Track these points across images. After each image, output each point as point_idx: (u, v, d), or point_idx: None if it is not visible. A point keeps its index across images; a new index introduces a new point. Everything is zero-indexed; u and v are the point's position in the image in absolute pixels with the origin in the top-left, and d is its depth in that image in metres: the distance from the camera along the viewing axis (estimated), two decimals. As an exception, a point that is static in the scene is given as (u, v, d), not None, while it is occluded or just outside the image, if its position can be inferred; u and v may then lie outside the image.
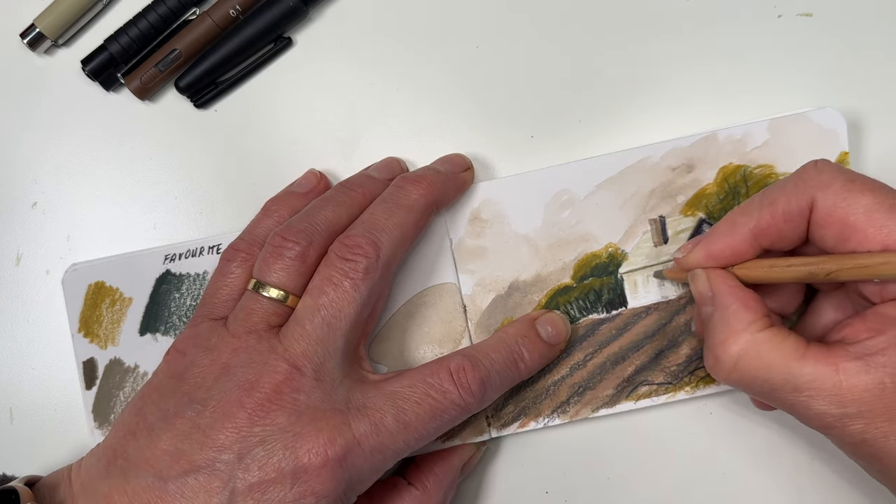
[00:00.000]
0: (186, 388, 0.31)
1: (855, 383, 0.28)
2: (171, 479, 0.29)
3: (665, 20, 0.38)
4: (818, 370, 0.29)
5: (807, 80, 0.38)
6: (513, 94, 0.39)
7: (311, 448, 0.30)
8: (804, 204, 0.30)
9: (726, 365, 0.30)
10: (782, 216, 0.31)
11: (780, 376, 0.29)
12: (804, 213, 0.30)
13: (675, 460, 0.38)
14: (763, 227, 0.31)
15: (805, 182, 0.30)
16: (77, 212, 0.40)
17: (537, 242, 0.37)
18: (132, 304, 0.38)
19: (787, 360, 0.29)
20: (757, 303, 0.31)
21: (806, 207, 0.30)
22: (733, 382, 0.31)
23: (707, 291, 0.32)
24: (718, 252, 0.32)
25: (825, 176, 0.30)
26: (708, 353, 0.32)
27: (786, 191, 0.31)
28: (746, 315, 0.30)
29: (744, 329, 0.30)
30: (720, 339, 0.31)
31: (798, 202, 0.30)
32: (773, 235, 0.31)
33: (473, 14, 0.39)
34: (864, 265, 0.29)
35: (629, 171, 0.37)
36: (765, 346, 0.30)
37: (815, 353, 0.29)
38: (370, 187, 0.35)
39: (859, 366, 0.28)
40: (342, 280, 0.32)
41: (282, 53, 0.39)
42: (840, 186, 0.29)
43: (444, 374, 0.32)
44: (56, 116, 0.40)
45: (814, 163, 0.31)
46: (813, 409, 0.29)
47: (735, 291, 0.31)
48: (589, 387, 0.37)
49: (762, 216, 0.31)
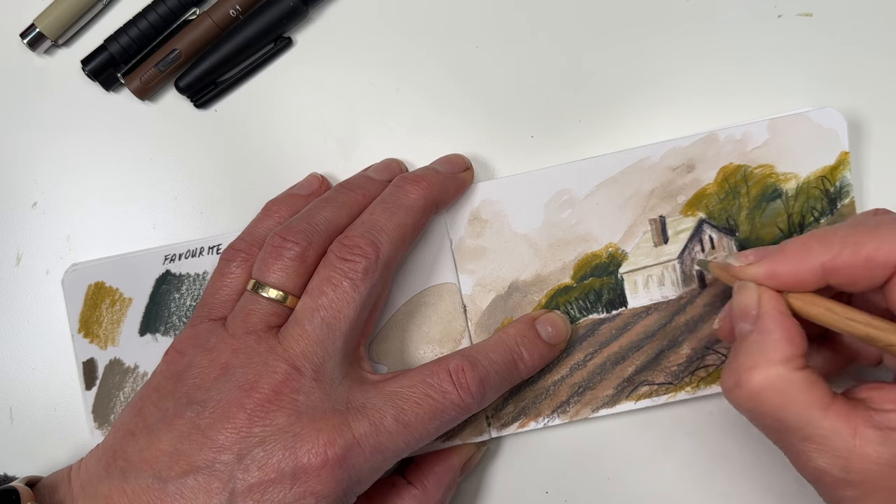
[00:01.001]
0: (186, 388, 0.31)
1: (868, 452, 0.27)
2: (171, 479, 0.29)
3: (665, 20, 0.38)
4: (837, 427, 0.27)
5: (806, 80, 0.38)
6: (513, 94, 0.39)
7: (310, 448, 0.30)
8: (893, 256, 0.28)
9: (746, 392, 0.29)
10: (864, 261, 0.28)
11: (796, 421, 0.28)
12: (889, 266, 0.28)
13: (674, 460, 0.38)
14: (839, 266, 0.29)
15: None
16: (77, 212, 0.40)
17: (537, 242, 0.37)
18: (132, 304, 0.38)
19: (811, 407, 0.28)
20: (801, 339, 0.29)
21: (893, 261, 0.28)
22: (745, 410, 0.29)
23: (752, 309, 0.30)
24: (782, 275, 0.30)
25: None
26: (730, 374, 0.29)
27: (877, 236, 0.28)
28: (787, 349, 0.28)
29: (779, 362, 0.28)
30: (750, 364, 0.29)
31: (887, 252, 0.28)
32: (846, 277, 0.29)
33: (473, 14, 0.39)
34: None
35: (629, 171, 0.37)
36: (794, 387, 0.28)
37: (838, 409, 0.28)
38: (369, 188, 0.35)
39: (878, 436, 0.27)
40: (341, 280, 0.32)
41: (282, 53, 0.39)
42: None
43: (443, 375, 0.32)
44: (56, 116, 0.40)
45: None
46: (816, 462, 0.28)
47: (783, 321, 0.29)
48: (589, 387, 0.37)
49: (842, 254, 0.28)
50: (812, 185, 0.36)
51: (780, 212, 0.36)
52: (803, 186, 0.36)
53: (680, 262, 0.37)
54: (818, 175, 0.36)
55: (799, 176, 0.36)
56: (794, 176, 0.36)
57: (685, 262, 0.37)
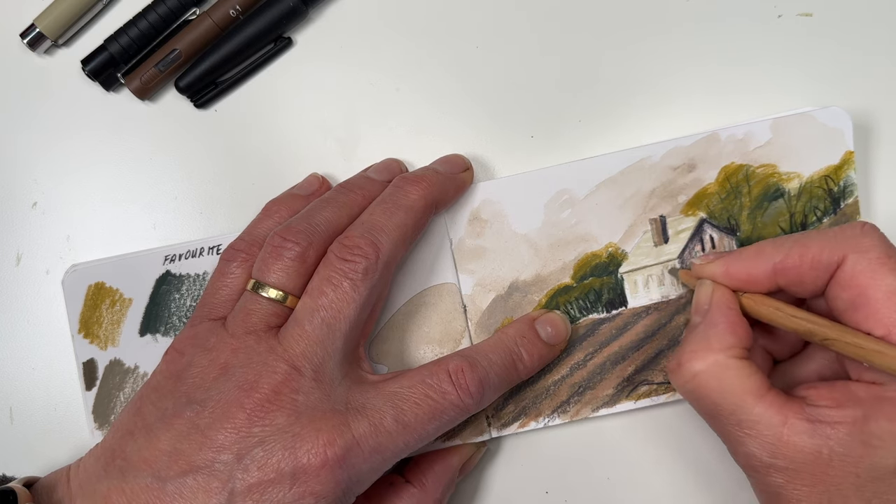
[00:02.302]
0: (185, 388, 0.31)
1: (795, 441, 0.29)
2: (170, 479, 0.29)
3: (665, 20, 0.38)
4: (767, 415, 0.29)
5: (806, 80, 0.38)
6: (513, 94, 0.39)
7: (310, 449, 0.30)
8: (834, 258, 0.30)
9: (685, 374, 0.31)
10: (810, 262, 0.30)
11: (729, 405, 0.30)
12: (831, 267, 0.30)
13: (675, 460, 0.37)
14: (787, 266, 0.31)
15: (845, 238, 0.30)
16: (77, 212, 0.40)
17: (537, 242, 0.37)
18: (132, 304, 0.38)
19: (744, 393, 0.30)
20: (745, 333, 0.31)
21: (835, 263, 0.30)
22: (685, 393, 0.31)
23: (705, 304, 0.32)
24: (735, 273, 0.32)
25: (867, 241, 0.30)
26: (674, 357, 0.32)
27: (822, 239, 0.30)
28: (728, 338, 0.31)
29: (718, 350, 0.30)
30: (692, 348, 0.31)
31: (829, 254, 0.30)
32: (793, 277, 0.31)
33: (473, 14, 0.39)
34: (860, 346, 0.29)
35: (629, 171, 0.37)
36: (729, 373, 0.30)
37: (772, 399, 0.29)
38: (369, 189, 0.35)
39: (806, 428, 0.29)
40: (341, 281, 0.32)
41: (282, 53, 0.39)
42: (875, 256, 0.29)
43: (442, 375, 0.32)
44: (56, 116, 0.40)
45: (862, 223, 0.31)
46: (746, 447, 0.30)
47: (730, 314, 0.31)
48: (589, 386, 0.37)
49: (790, 255, 0.31)
50: (815, 185, 0.36)
51: (782, 211, 0.36)
52: (806, 186, 0.36)
53: (680, 262, 0.37)
54: (822, 174, 0.36)
55: (802, 175, 0.36)
56: (797, 175, 0.36)
57: (686, 261, 0.37)
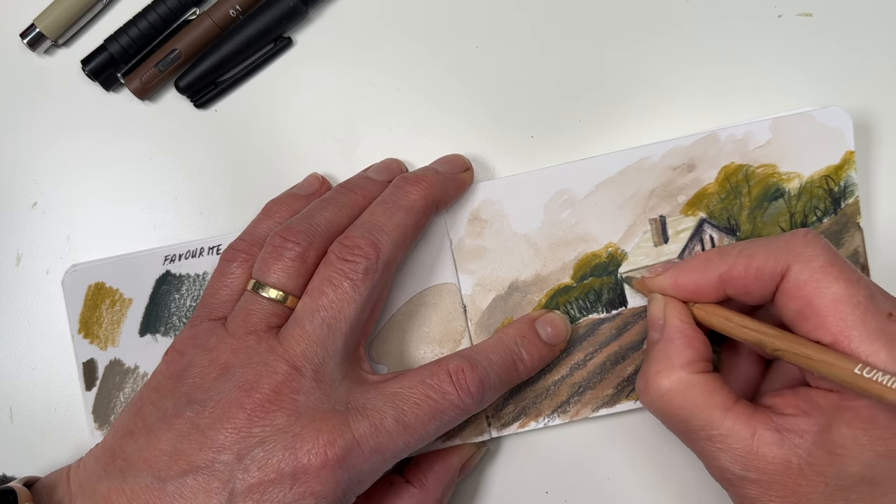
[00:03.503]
0: (185, 388, 0.31)
1: (765, 452, 0.29)
2: (170, 479, 0.29)
3: (665, 20, 0.38)
4: (736, 428, 0.29)
5: (806, 80, 0.38)
6: (513, 94, 0.39)
7: (310, 449, 0.30)
8: (778, 269, 0.30)
9: (652, 394, 0.31)
10: (754, 272, 0.30)
11: (698, 421, 0.30)
12: (776, 277, 0.30)
13: (675, 460, 0.37)
14: (732, 276, 0.31)
15: (788, 248, 0.30)
16: (77, 212, 0.40)
17: (537, 242, 0.37)
18: (132, 304, 0.38)
19: (711, 408, 0.30)
20: (702, 345, 0.31)
21: (779, 273, 0.30)
22: (654, 411, 0.32)
23: (660, 319, 0.32)
24: (683, 285, 0.32)
25: (810, 250, 0.30)
26: (641, 378, 0.32)
27: (766, 249, 0.30)
28: (687, 353, 0.31)
29: (681, 367, 0.31)
30: (656, 368, 0.31)
31: (773, 265, 0.30)
32: (739, 287, 0.31)
33: (473, 14, 0.39)
34: (808, 356, 0.29)
35: (629, 171, 0.37)
36: (694, 389, 0.30)
37: (739, 411, 0.30)
38: (370, 189, 0.35)
39: (775, 438, 0.29)
40: (342, 281, 0.32)
41: (282, 53, 0.39)
42: (819, 266, 0.29)
43: (443, 376, 0.32)
44: (56, 116, 0.40)
45: (804, 232, 0.31)
46: (719, 461, 0.30)
47: (684, 328, 0.32)
48: (589, 386, 0.37)
49: (735, 265, 0.31)
50: (815, 185, 0.36)
51: (782, 211, 0.36)
52: (806, 186, 0.36)
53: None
54: (822, 174, 0.36)
55: (802, 175, 0.36)
56: (797, 175, 0.36)
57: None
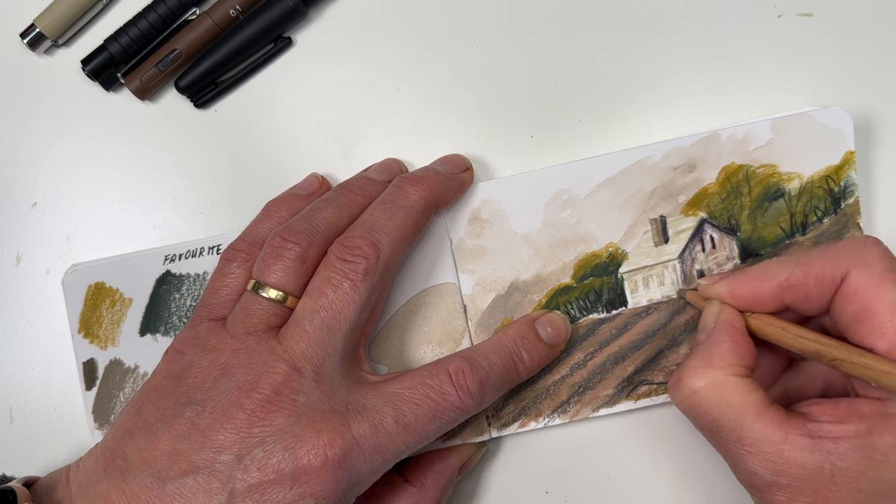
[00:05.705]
0: (185, 388, 0.31)
1: (796, 458, 0.29)
2: (170, 479, 0.29)
3: (665, 20, 0.38)
4: (768, 431, 0.29)
5: (806, 80, 0.38)
6: (513, 94, 0.39)
7: (310, 449, 0.30)
8: (838, 273, 0.30)
9: (685, 390, 0.31)
10: (814, 279, 0.30)
11: (730, 422, 0.30)
12: (835, 282, 0.30)
13: (674, 460, 0.37)
14: (792, 284, 0.31)
15: (847, 253, 0.30)
16: (77, 212, 0.40)
17: (537, 242, 0.37)
18: (132, 304, 0.38)
19: (744, 410, 0.29)
20: (748, 353, 0.31)
21: (839, 278, 0.30)
22: (685, 409, 0.31)
23: (711, 323, 0.32)
24: (741, 293, 0.32)
25: (870, 255, 0.30)
26: (676, 372, 0.32)
27: (824, 255, 0.31)
28: (730, 357, 0.31)
29: (720, 367, 0.30)
30: (694, 364, 0.31)
31: (833, 270, 0.30)
32: (799, 295, 0.31)
33: (473, 14, 0.39)
34: (868, 366, 0.29)
35: (629, 171, 0.37)
36: (728, 390, 0.30)
37: (772, 416, 0.29)
38: (370, 189, 0.35)
39: (808, 444, 0.29)
40: (342, 281, 0.32)
41: (282, 53, 0.39)
42: (879, 270, 0.29)
43: (443, 376, 0.32)
44: (56, 116, 0.40)
45: (864, 237, 0.31)
46: (747, 465, 0.30)
47: (734, 333, 0.31)
48: (589, 386, 0.37)
49: (794, 273, 0.31)
50: (816, 185, 0.36)
51: (782, 211, 0.36)
52: (807, 186, 0.36)
53: (680, 262, 0.37)
54: (822, 175, 0.36)
55: (802, 175, 0.36)
56: (798, 175, 0.36)
57: (686, 261, 0.37)
